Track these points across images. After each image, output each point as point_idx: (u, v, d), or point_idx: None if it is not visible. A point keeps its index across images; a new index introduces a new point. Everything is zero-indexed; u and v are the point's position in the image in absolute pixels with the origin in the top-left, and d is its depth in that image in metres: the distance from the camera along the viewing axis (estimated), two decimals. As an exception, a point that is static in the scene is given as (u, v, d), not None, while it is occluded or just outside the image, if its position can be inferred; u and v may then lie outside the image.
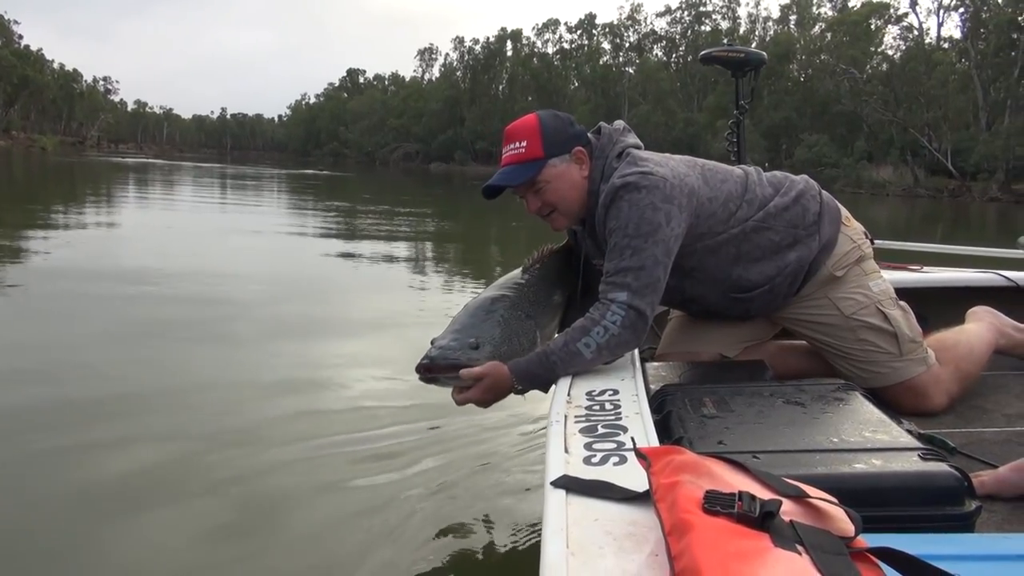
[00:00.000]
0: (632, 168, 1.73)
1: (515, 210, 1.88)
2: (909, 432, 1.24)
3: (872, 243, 1.98)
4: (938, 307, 2.27)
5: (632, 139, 1.86)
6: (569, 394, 1.45)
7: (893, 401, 1.80)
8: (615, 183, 1.72)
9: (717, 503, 0.77)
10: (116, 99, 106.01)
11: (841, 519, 0.78)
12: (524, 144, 1.79)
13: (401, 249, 9.33)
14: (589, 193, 1.82)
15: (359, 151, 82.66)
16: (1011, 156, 34.17)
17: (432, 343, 1.76)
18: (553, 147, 1.79)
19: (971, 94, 39.51)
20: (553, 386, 1.58)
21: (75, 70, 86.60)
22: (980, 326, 2.06)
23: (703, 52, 2.80)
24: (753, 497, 0.77)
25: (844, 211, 1.95)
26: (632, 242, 1.66)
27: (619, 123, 1.92)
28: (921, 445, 1.16)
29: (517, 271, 2.03)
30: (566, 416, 1.29)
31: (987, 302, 2.21)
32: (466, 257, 9.46)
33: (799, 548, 0.71)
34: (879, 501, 1.04)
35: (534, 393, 1.69)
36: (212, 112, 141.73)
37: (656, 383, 1.62)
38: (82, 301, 5.13)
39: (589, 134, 1.88)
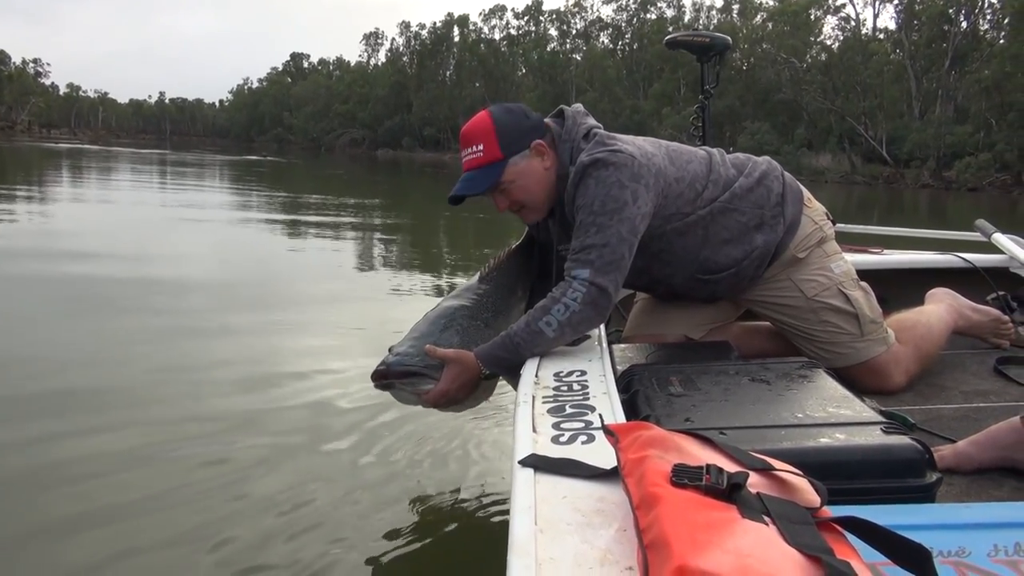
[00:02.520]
0: (600, 147, 1.73)
1: (468, 204, 1.86)
2: (872, 408, 1.27)
3: (834, 224, 2.02)
4: (898, 289, 2.32)
5: (592, 120, 1.86)
6: (537, 375, 1.45)
7: (855, 380, 1.83)
8: (583, 161, 1.71)
9: (685, 476, 0.78)
10: (47, 82, 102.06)
11: (807, 490, 0.80)
12: (481, 148, 1.76)
13: (352, 246, 9.21)
14: (559, 177, 1.80)
15: (304, 137, 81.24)
16: (942, 144, 35.32)
17: (390, 350, 1.77)
18: (511, 146, 1.77)
19: (905, 84, 40.67)
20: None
21: (2, 51, 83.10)
22: (939, 308, 2.12)
23: (668, 37, 2.81)
24: (720, 470, 0.78)
25: (806, 192, 1.98)
26: (597, 219, 1.66)
27: (578, 106, 1.91)
28: (883, 419, 1.19)
29: (475, 279, 2.03)
30: (533, 397, 1.29)
31: (946, 284, 2.27)
32: (421, 251, 9.40)
33: (766, 519, 0.72)
34: (843, 474, 1.07)
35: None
36: (150, 96, 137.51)
37: (623, 364, 1.63)
38: (22, 294, 4.95)
39: (549, 119, 1.87)
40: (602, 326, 1.80)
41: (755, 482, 0.79)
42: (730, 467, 0.81)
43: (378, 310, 5.15)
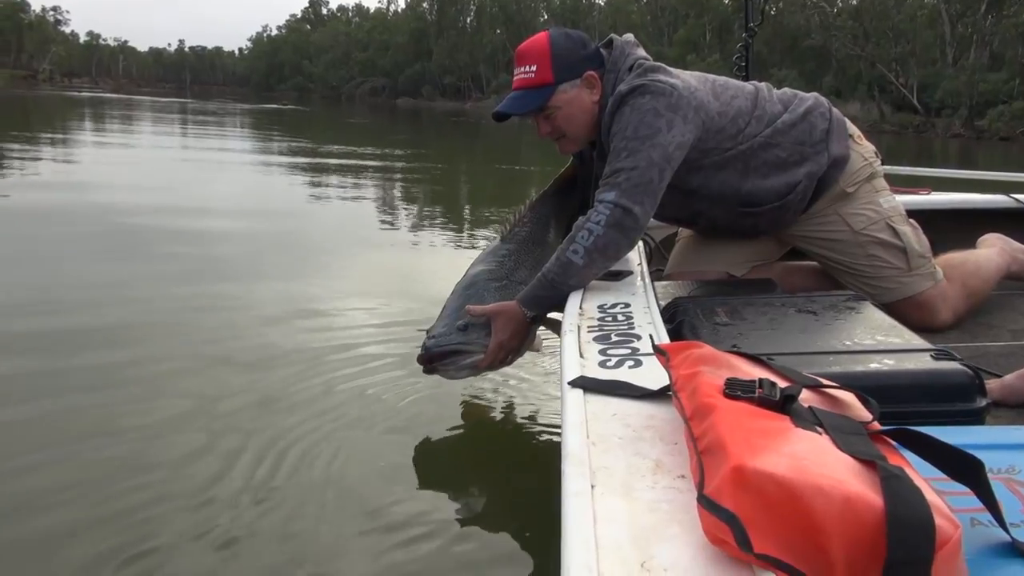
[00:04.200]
0: (641, 78, 1.72)
1: (501, 150, 1.87)
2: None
3: (882, 164, 1.99)
4: (947, 230, 2.27)
5: (641, 52, 1.84)
6: (581, 308, 1.46)
7: (900, 317, 1.80)
8: (621, 90, 1.71)
9: (738, 388, 0.79)
10: (67, 30, 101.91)
11: (858, 406, 0.81)
12: (534, 69, 1.75)
13: (378, 195, 9.21)
14: (601, 108, 1.79)
15: (324, 85, 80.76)
16: (974, 92, 34.43)
17: (427, 334, 1.81)
18: (563, 72, 1.75)
19: (939, 29, 39.51)
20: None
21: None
22: (991, 251, 2.09)
23: None
24: (773, 384, 0.79)
25: (855, 130, 1.95)
26: (629, 144, 1.65)
27: (629, 36, 1.89)
28: (932, 346, 1.19)
29: (497, 241, 2.03)
30: (579, 327, 1.31)
31: (996, 225, 2.23)
32: (446, 202, 9.40)
33: (819, 429, 0.74)
34: (893, 398, 1.05)
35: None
36: (169, 45, 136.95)
37: (665, 300, 1.62)
38: (63, 237, 5.04)
39: (602, 48, 1.84)
40: (644, 263, 1.80)
41: (807, 397, 0.80)
42: (782, 383, 0.83)
43: (407, 259, 5.17)
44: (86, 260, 4.41)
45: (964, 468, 0.71)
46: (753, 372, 0.86)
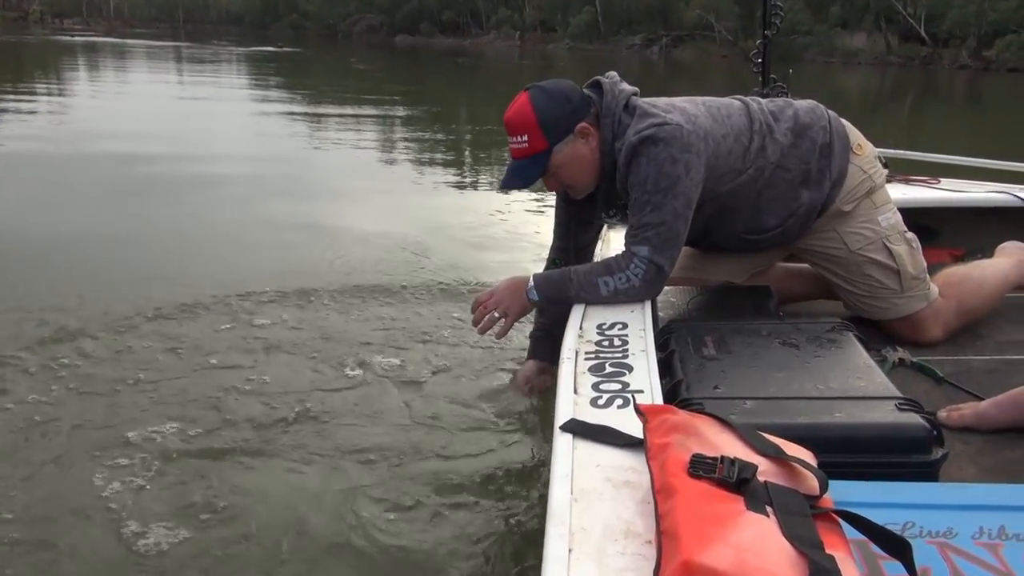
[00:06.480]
0: (645, 121, 1.73)
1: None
2: (901, 361, 1.44)
3: (886, 168, 1.98)
4: (951, 222, 2.26)
5: (628, 87, 1.85)
6: (581, 327, 1.56)
7: (893, 332, 1.90)
8: (632, 141, 1.72)
9: (700, 468, 0.90)
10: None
11: (810, 478, 0.91)
12: (526, 139, 1.79)
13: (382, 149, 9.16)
14: (603, 154, 1.81)
15: (320, 23, 79.21)
16: (984, 21, 33.66)
17: None
18: (555, 134, 1.78)
19: (950, -45, 38.38)
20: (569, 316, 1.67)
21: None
22: (1002, 263, 2.07)
23: None
24: (733, 461, 0.89)
25: (855, 137, 1.93)
26: (652, 198, 1.70)
27: (612, 74, 1.88)
28: (899, 395, 1.26)
29: None
30: (577, 352, 1.42)
31: (1002, 221, 2.20)
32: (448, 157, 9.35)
33: (768, 510, 0.84)
34: (853, 449, 1.16)
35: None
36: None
37: (665, 309, 1.72)
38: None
39: (586, 89, 1.86)
40: None
41: (764, 470, 0.90)
42: (744, 453, 0.93)
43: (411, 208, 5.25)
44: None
45: (896, 548, 0.83)
46: (718, 441, 0.96)
